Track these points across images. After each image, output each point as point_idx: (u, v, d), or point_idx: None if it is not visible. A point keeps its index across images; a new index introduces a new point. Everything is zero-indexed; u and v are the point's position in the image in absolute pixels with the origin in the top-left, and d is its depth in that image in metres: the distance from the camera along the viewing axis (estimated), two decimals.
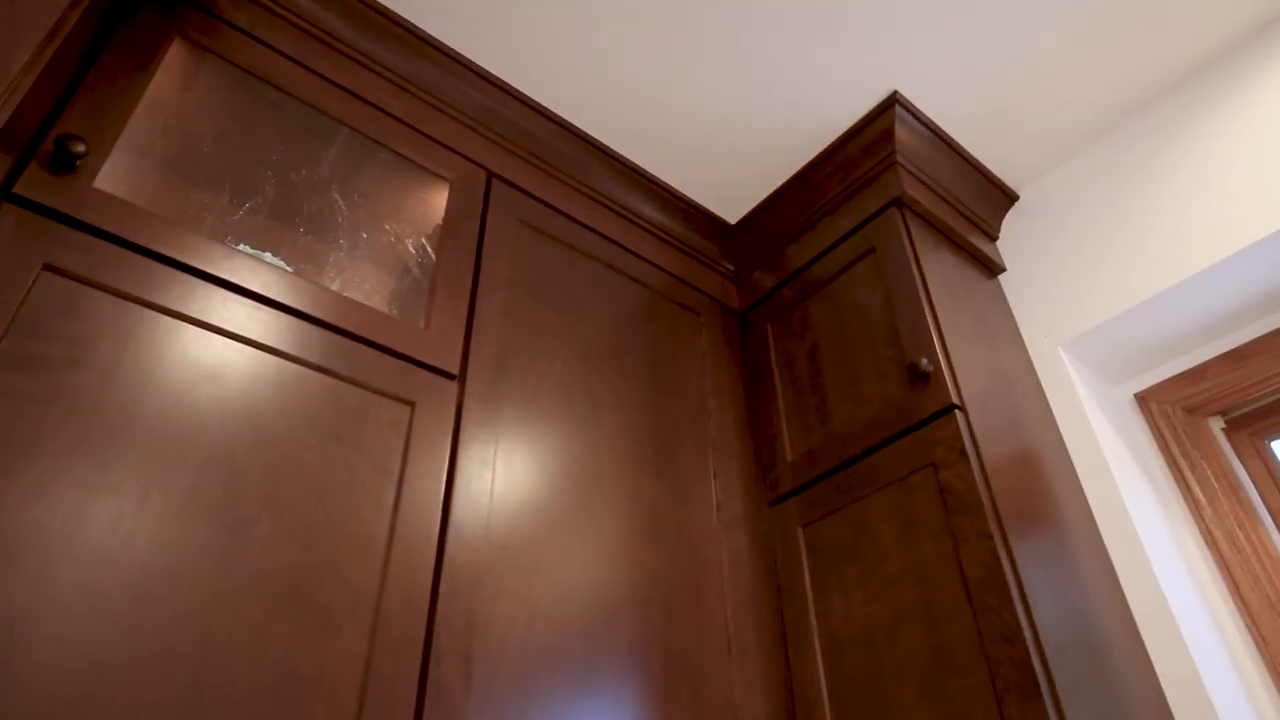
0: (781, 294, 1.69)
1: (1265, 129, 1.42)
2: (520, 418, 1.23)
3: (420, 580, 0.99)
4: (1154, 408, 1.57)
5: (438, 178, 1.40)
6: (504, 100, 1.53)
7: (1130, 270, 1.51)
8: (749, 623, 1.32)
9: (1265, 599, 1.33)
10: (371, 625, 0.92)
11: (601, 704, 1.07)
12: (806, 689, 1.27)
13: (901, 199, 1.54)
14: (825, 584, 1.33)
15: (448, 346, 1.20)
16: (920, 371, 1.31)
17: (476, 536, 1.07)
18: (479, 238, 1.37)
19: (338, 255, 1.50)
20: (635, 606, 1.19)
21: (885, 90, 1.56)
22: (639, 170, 1.69)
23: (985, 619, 1.09)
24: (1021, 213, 1.77)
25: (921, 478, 1.26)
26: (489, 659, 1.00)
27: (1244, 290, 1.44)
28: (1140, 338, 1.54)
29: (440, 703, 0.93)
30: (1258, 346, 1.46)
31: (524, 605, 1.07)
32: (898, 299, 1.44)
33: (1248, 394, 1.48)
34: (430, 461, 1.09)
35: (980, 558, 1.13)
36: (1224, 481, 1.45)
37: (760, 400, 1.62)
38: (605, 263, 1.56)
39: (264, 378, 1.00)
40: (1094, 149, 1.69)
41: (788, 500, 1.46)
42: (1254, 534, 1.39)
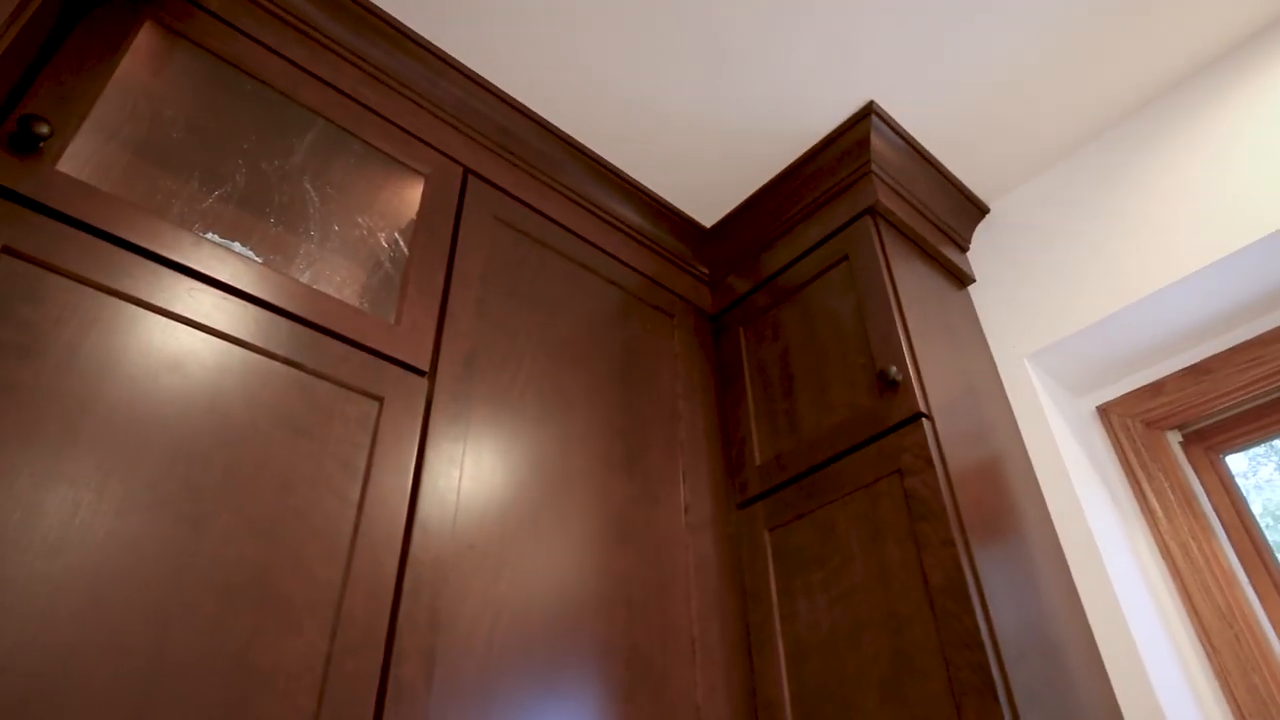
0: (755, 298, 1.70)
1: (1224, 153, 1.46)
2: (490, 416, 1.22)
3: (384, 577, 0.98)
4: (1115, 420, 1.60)
5: (413, 172, 1.39)
6: (482, 97, 1.53)
7: (1095, 285, 1.54)
8: (713, 625, 1.32)
9: (1216, 609, 1.36)
10: (333, 622, 0.91)
11: (564, 704, 1.07)
12: (769, 692, 1.28)
13: (875, 208, 1.55)
14: (790, 588, 1.34)
15: (418, 342, 1.19)
16: (889, 379, 1.32)
17: (443, 534, 1.07)
18: (453, 234, 1.36)
19: (308, 247, 1.49)
20: (601, 607, 1.19)
21: (862, 100, 1.58)
22: (616, 171, 1.69)
23: (946, 625, 1.11)
24: (992, 225, 1.79)
25: (888, 484, 1.28)
26: (452, 658, 0.99)
27: (1203, 308, 1.48)
28: (1103, 351, 1.58)
29: (401, 701, 0.92)
30: (1215, 363, 1.50)
31: (489, 604, 1.07)
32: (869, 307, 1.45)
33: (1205, 409, 1.51)
34: (397, 457, 1.08)
35: (943, 564, 1.15)
36: (1180, 494, 1.48)
37: (731, 403, 1.63)
38: (580, 263, 1.56)
39: (229, 369, 0.98)
40: (1063, 166, 1.72)
41: (755, 504, 1.47)
42: (1207, 545, 1.42)
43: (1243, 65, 1.51)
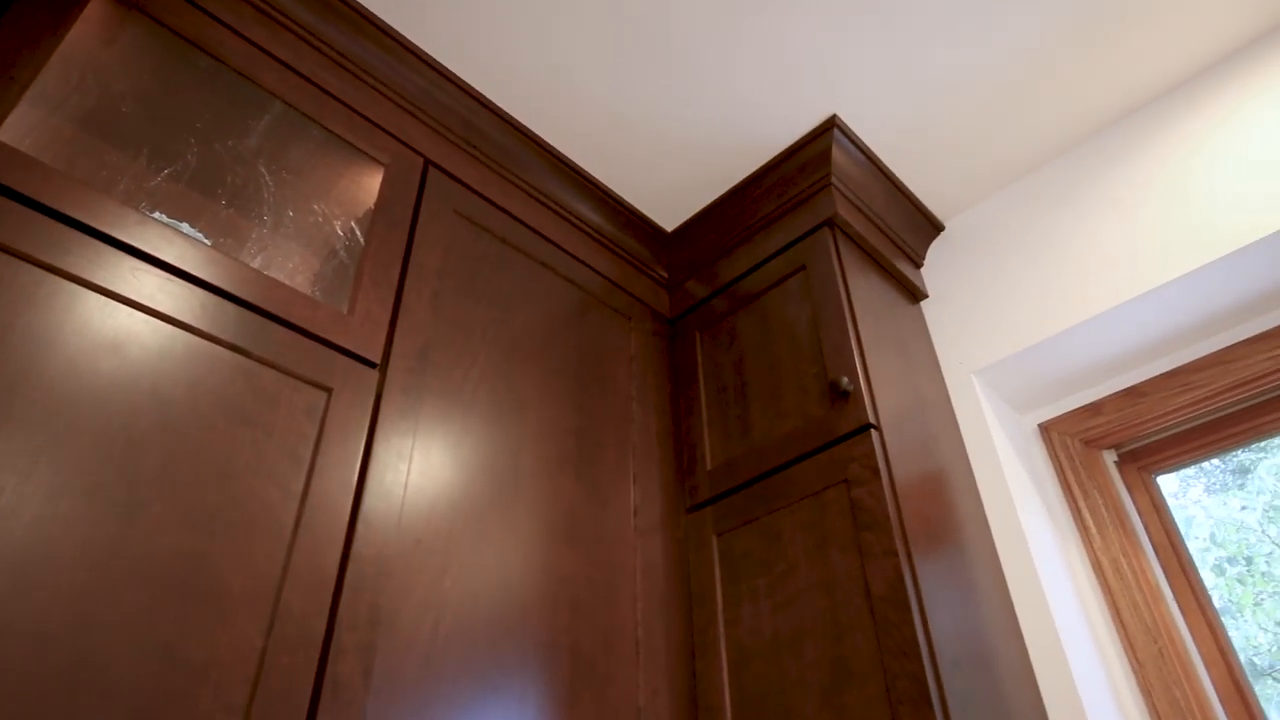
0: (712, 304, 1.71)
1: (1164, 187, 1.51)
2: (442, 411, 1.21)
3: (325, 571, 0.96)
4: (1055, 438, 1.64)
5: (372, 161, 1.37)
6: (447, 88, 1.51)
7: (1041, 306, 1.58)
8: (658, 628, 1.32)
9: (1142, 624, 1.40)
10: (269, 615, 0.89)
11: (506, 704, 1.06)
12: (710, 696, 1.29)
13: (834, 220, 1.58)
14: (736, 593, 1.35)
15: (371, 334, 1.17)
16: (841, 390, 1.34)
17: (388, 529, 1.05)
18: (411, 226, 1.35)
19: (261, 232, 1.45)
20: (546, 607, 1.18)
21: (825, 113, 1.60)
22: (580, 171, 1.69)
23: (885, 633, 1.13)
24: (946, 242, 1.83)
25: (835, 493, 1.29)
26: (392, 655, 0.98)
27: (1141, 332, 1.53)
28: (1047, 370, 1.62)
29: (337, 698, 0.90)
30: (1150, 386, 1.55)
31: (432, 601, 1.05)
32: (824, 317, 1.47)
33: (1139, 430, 1.57)
34: (344, 450, 1.06)
35: (885, 574, 1.17)
36: (1113, 512, 1.53)
37: (684, 408, 1.64)
38: (539, 261, 1.55)
39: (171, 353, 0.95)
40: (1016, 188, 1.76)
41: (705, 508, 1.48)
42: (1136, 562, 1.47)
43: (1191, 99, 1.56)
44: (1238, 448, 1.51)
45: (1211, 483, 1.55)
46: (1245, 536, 1.46)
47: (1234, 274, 1.42)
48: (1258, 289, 1.44)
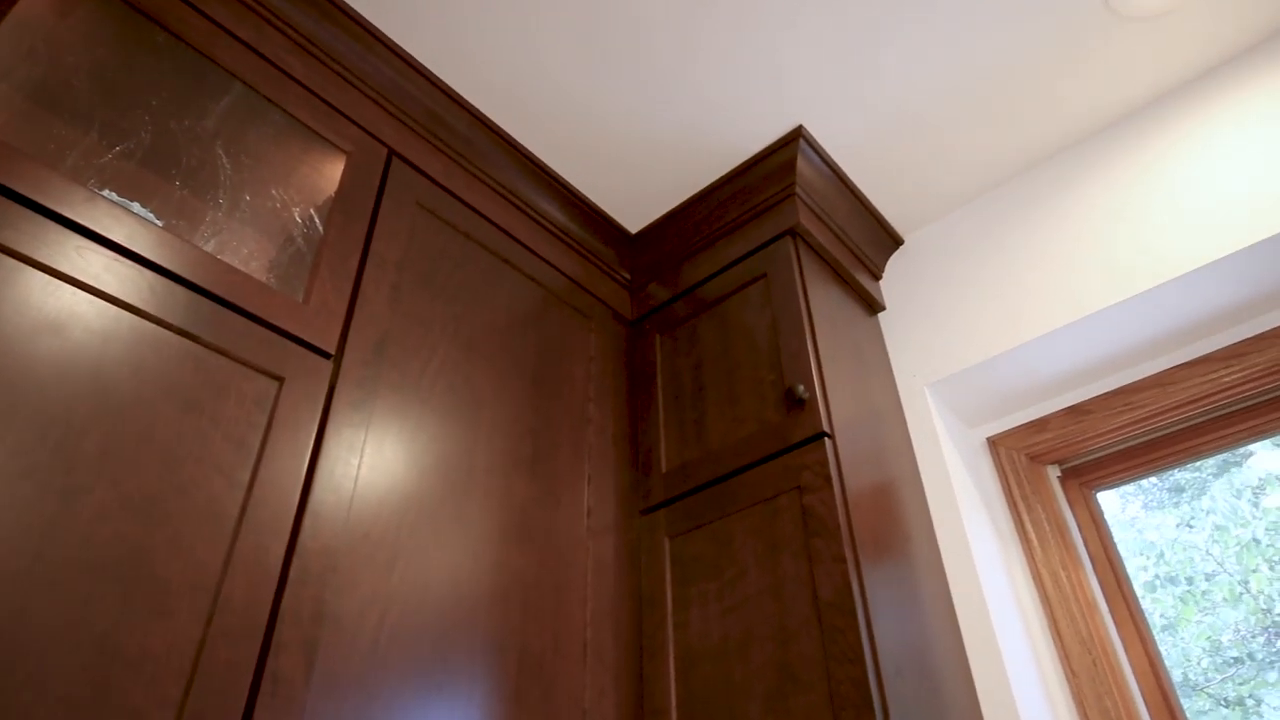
0: (673, 308, 1.72)
1: (1118, 210, 1.56)
2: (396, 405, 1.20)
3: (269, 563, 0.94)
4: (1002, 452, 1.68)
5: (335, 148, 1.35)
6: (414, 79, 1.49)
7: (993, 323, 1.62)
8: (607, 629, 1.32)
9: (1078, 635, 1.45)
10: (209, 607, 0.87)
11: (451, 703, 1.05)
12: (657, 699, 1.29)
13: (796, 229, 1.59)
14: (686, 596, 1.36)
15: (326, 324, 1.15)
16: (797, 397, 1.35)
17: (336, 522, 1.03)
18: (372, 216, 1.33)
19: (215, 215, 1.42)
20: (495, 606, 1.17)
21: (792, 124, 1.62)
22: (546, 169, 1.68)
23: (831, 639, 1.14)
24: (905, 256, 1.87)
25: (787, 499, 1.31)
26: (335, 651, 0.96)
27: (1087, 352, 1.58)
28: (996, 386, 1.66)
29: (276, 694, 0.88)
30: (1094, 405, 1.60)
31: (379, 597, 1.04)
32: (783, 325, 1.49)
33: (1082, 447, 1.61)
34: (294, 441, 1.04)
35: (833, 580, 1.18)
36: (1054, 525, 1.57)
37: (641, 410, 1.64)
38: (502, 257, 1.54)
39: (116, 336, 0.93)
40: (974, 207, 1.80)
41: (658, 511, 1.48)
42: (1075, 575, 1.51)
43: (1141, 128, 1.62)
44: (1174, 467, 1.56)
45: (1149, 500, 1.61)
46: (1190, 555, 1.51)
47: (1175, 299, 1.47)
48: (1196, 315, 1.50)
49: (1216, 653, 1.42)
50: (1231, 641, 1.41)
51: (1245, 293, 1.46)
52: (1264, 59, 1.52)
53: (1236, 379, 1.47)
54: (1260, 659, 1.38)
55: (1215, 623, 1.44)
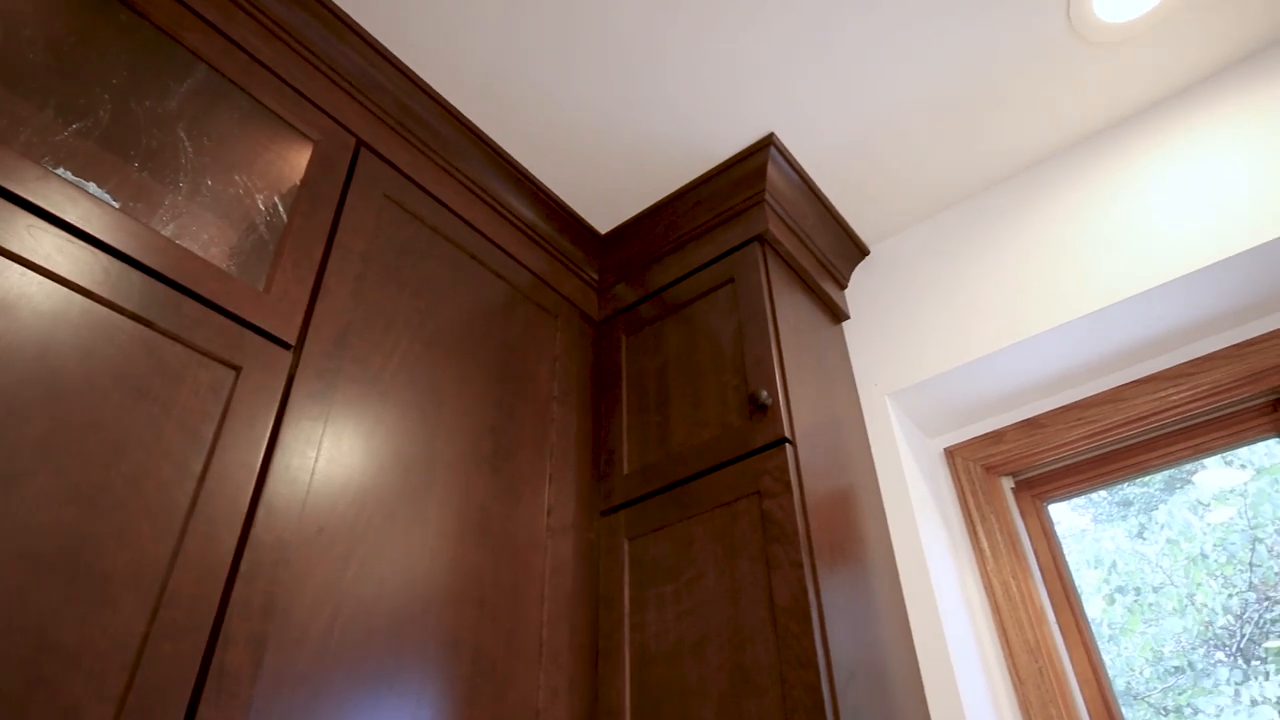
0: (640, 310, 1.72)
1: (1078, 229, 1.59)
2: (356, 398, 1.18)
3: (219, 556, 0.92)
4: (959, 463, 1.71)
5: (302, 136, 1.33)
6: (385, 69, 1.48)
7: (954, 335, 1.65)
8: (563, 630, 1.32)
9: (1026, 644, 1.47)
10: (155, 600, 0.85)
11: (402, 701, 1.04)
12: (611, 700, 1.29)
13: (764, 236, 1.61)
14: (643, 598, 1.36)
15: (287, 314, 1.13)
16: (760, 403, 1.36)
17: (290, 515, 1.02)
18: (338, 206, 1.31)
19: (175, 199, 1.39)
20: (450, 604, 1.16)
21: (763, 131, 1.63)
22: (517, 165, 1.67)
23: (785, 643, 1.15)
24: (871, 266, 1.89)
25: (747, 504, 1.32)
26: (285, 646, 0.94)
27: (1043, 367, 1.61)
28: (955, 397, 1.69)
29: (222, 689, 0.87)
30: (1048, 419, 1.63)
31: (332, 592, 1.02)
32: (748, 331, 1.50)
33: (1035, 460, 1.65)
34: (250, 431, 1.02)
35: (789, 585, 1.19)
36: (1007, 536, 1.60)
37: (605, 411, 1.64)
38: (469, 252, 1.53)
39: (66, 319, 0.90)
40: (939, 220, 1.83)
41: (618, 512, 1.48)
42: (1025, 585, 1.54)
43: (1100, 150, 1.66)
44: (1124, 481, 1.60)
45: (1099, 513, 1.64)
46: (1141, 567, 1.55)
47: (1128, 318, 1.51)
48: (1148, 334, 1.54)
49: (1158, 663, 1.46)
50: (1173, 652, 1.45)
51: (1194, 314, 1.50)
52: (1216, 91, 1.56)
53: (1184, 397, 1.51)
54: (1199, 669, 1.42)
55: (1159, 633, 1.48)
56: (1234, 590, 1.45)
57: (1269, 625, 1.39)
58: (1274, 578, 1.42)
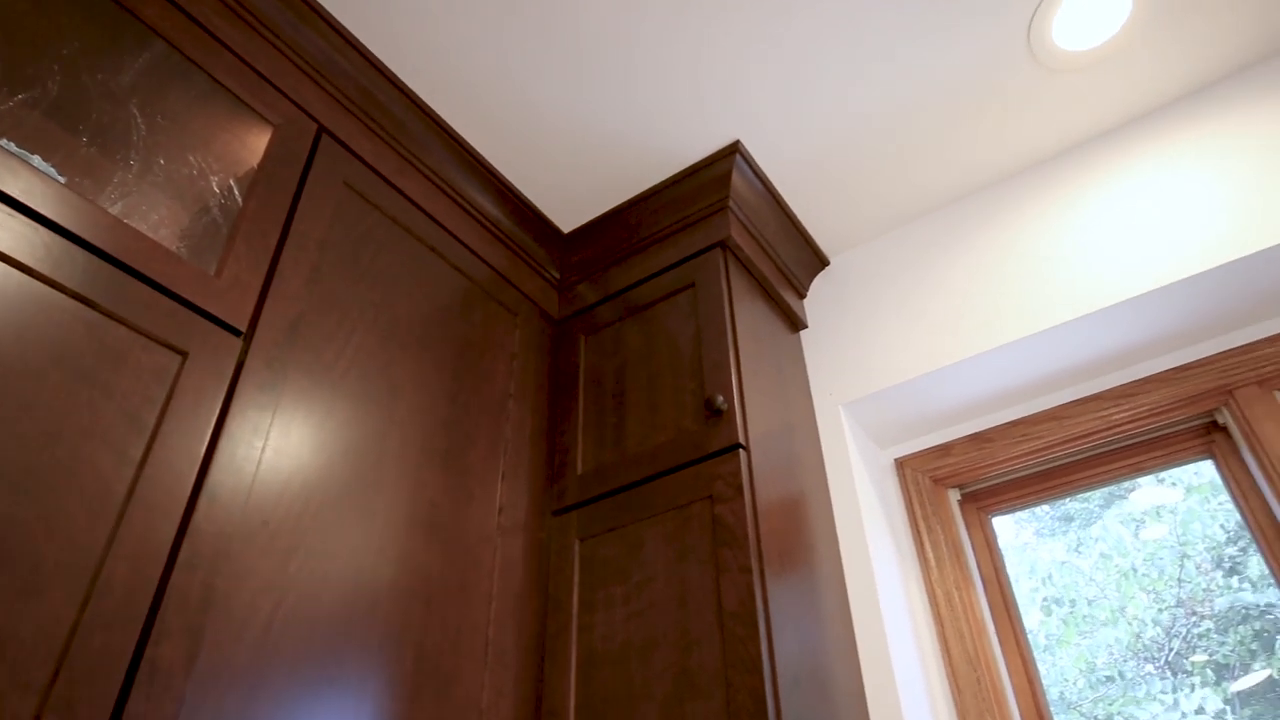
0: (600, 310, 1.72)
1: (1027, 249, 1.64)
2: (307, 388, 1.16)
3: (156, 546, 0.90)
4: (908, 474, 1.74)
5: (261, 119, 1.30)
6: (350, 56, 1.45)
7: (909, 349, 1.68)
8: (510, 629, 1.31)
9: (965, 654, 1.51)
10: (86, 589, 0.82)
11: (341, 698, 1.02)
12: (555, 701, 1.28)
13: (726, 242, 1.62)
14: (592, 599, 1.35)
15: (239, 300, 1.11)
16: (716, 408, 1.37)
17: (234, 506, 0.99)
18: (296, 192, 1.28)
19: (124, 176, 1.35)
20: (396, 600, 1.15)
21: (730, 138, 1.64)
22: (481, 160, 1.66)
23: (732, 648, 1.16)
24: (830, 277, 1.91)
25: (699, 508, 1.32)
26: (222, 640, 0.92)
27: (992, 383, 1.65)
28: (907, 409, 1.72)
29: (153, 683, 0.84)
30: (995, 434, 1.67)
31: (274, 585, 1.00)
32: (707, 336, 1.50)
33: (981, 473, 1.69)
34: (194, 419, 0.99)
35: (738, 590, 1.20)
36: (951, 547, 1.64)
37: (561, 410, 1.63)
38: (429, 245, 1.51)
39: (2, 295, 0.87)
40: (898, 235, 1.87)
41: (571, 512, 1.47)
42: (967, 596, 1.57)
43: (1057, 175, 1.70)
44: (1066, 496, 1.65)
45: (1041, 527, 1.69)
46: (1076, 580, 1.59)
47: (1075, 338, 1.55)
48: (1093, 354, 1.59)
49: (1091, 673, 1.50)
50: (1105, 663, 1.50)
51: (1136, 337, 1.55)
52: (1165, 122, 1.62)
53: (1124, 417, 1.56)
54: (1129, 679, 1.46)
55: (1093, 645, 1.52)
56: (1163, 605, 1.49)
57: (1195, 640, 1.44)
58: (1201, 594, 1.47)
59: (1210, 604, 1.46)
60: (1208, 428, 1.53)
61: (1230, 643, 1.41)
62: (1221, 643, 1.42)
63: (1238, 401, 1.47)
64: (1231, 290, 1.46)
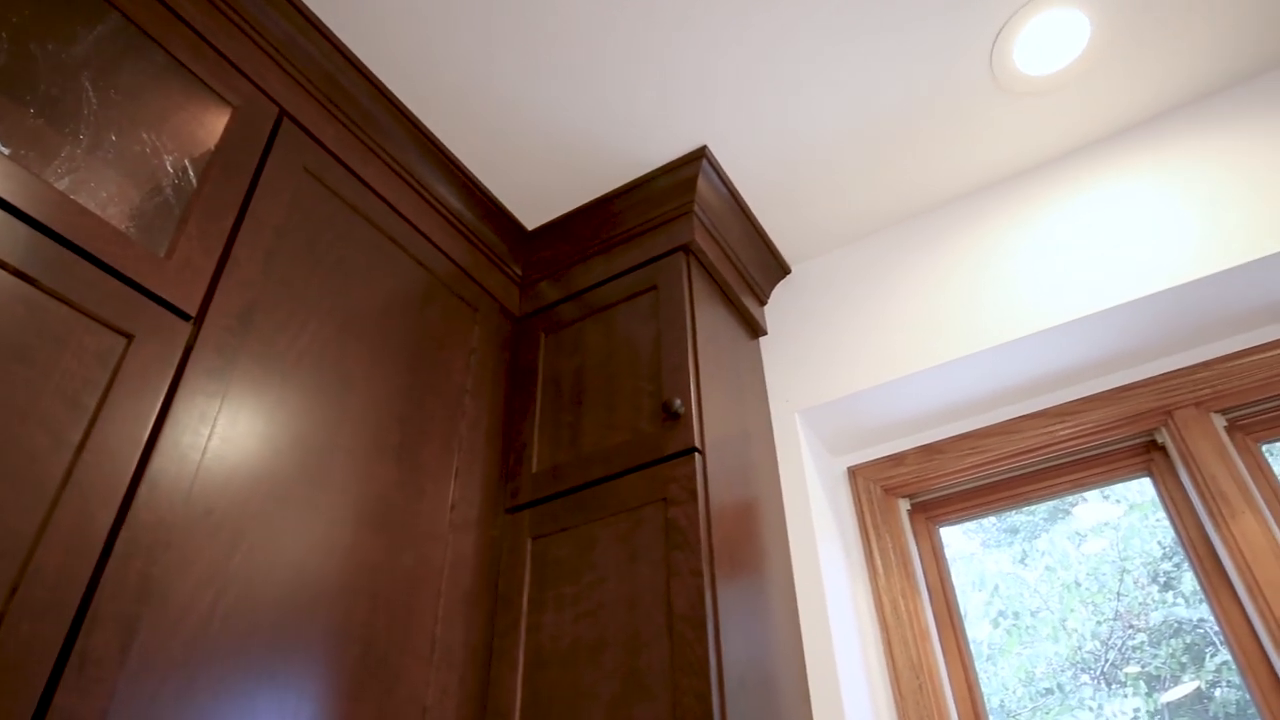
0: (561, 309, 1.71)
1: (980, 267, 1.67)
2: (258, 377, 1.13)
3: (92, 533, 0.87)
4: (860, 482, 1.77)
5: (220, 100, 1.27)
6: (316, 40, 1.43)
7: (865, 360, 1.70)
8: (458, 627, 1.30)
9: (909, 661, 1.53)
10: (14, 577, 0.79)
11: (283, 694, 1.00)
12: (501, 700, 1.27)
13: (690, 246, 1.62)
14: (542, 599, 1.35)
15: (189, 283, 1.08)
16: (673, 411, 1.37)
17: (176, 494, 0.97)
18: (254, 176, 1.26)
19: (73, 151, 1.30)
20: (342, 595, 1.13)
21: (697, 142, 1.65)
22: (447, 152, 1.64)
23: (680, 650, 1.16)
24: (791, 285, 1.93)
25: (652, 510, 1.32)
26: (159, 631, 0.90)
27: (944, 396, 1.68)
28: (861, 419, 1.74)
29: (84, 673, 0.81)
30: (946, 445, 1.70)
31: (215, 576, 0.98)
32: (667, 339, 1.51)
33: (931, 484, 1.71)
34: (138, 404, 0.96)
35: (688, 593, 1.20)
36: (900, 556, 1.66)
37: (518, 408, 1.62)
38: (389, 236, 1.49)
39: None
40: (859, 246, 1.89)
41: (524, 511, 1.47)
42: (912, 604, 1.60)
43: (1012, 195, 1.74)
44: (1012, 509, 1.68)
45: (988, 539, 1.72)
46: (1021, 592, 1.63)
47: (1025, 354, 1.59)
48: (1042, 370, 1.63)
49: (1031, 683, 1.54)
50: (1045, 674, 1.53)
51: (1084, 356, 1.60)
52: (1119, 148, 1.67)
53: (1069, 434, 1.60)
54: (1067, 690, 1.50)
55: (1034, 655, 1.56)
56: (1102, 617, 1.54)
57: (1130, 652, 1.48)
58: (1138, 607, 1.51)
59: (1145, 617, 1.50)
60: (1147, 446, 1.58)
61: (1162, 655, 1.45)
62: (1154, 655, 1.46)
63: (1176, 422, 1.51)
64: (1172, 315, 1.51)
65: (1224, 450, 1.45)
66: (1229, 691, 1.37)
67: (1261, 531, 1.36)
